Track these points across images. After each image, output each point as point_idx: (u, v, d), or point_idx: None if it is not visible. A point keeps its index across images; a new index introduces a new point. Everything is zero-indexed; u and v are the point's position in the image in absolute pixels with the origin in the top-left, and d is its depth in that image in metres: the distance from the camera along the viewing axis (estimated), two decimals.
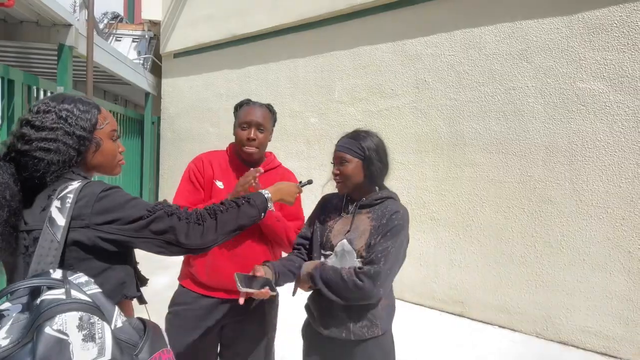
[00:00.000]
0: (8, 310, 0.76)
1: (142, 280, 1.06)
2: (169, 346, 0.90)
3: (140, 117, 6.59)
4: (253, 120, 1.59)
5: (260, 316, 1.66)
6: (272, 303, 1.71)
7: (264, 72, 5.16)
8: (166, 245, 0.95)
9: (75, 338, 0.70)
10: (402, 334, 3.20)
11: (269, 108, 1.68)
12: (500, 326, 3.38)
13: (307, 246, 1.54)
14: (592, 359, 2.90)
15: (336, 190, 1.49)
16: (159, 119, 6.76)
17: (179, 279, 1.69)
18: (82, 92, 4.39)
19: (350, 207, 1.46)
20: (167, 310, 1.65)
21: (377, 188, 1.46)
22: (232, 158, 1.68)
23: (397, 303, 1.50)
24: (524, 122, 3.31)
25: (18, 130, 0.95)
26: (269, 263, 1.42)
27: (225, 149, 1.74)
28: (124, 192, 0.96)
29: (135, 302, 1.05)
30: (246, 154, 1.61)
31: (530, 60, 3.29)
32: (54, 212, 0.87)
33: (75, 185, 0.91)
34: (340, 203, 1.50)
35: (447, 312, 3.65)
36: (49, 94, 3.80)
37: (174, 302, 1.65)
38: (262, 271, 1.33)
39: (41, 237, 0.86)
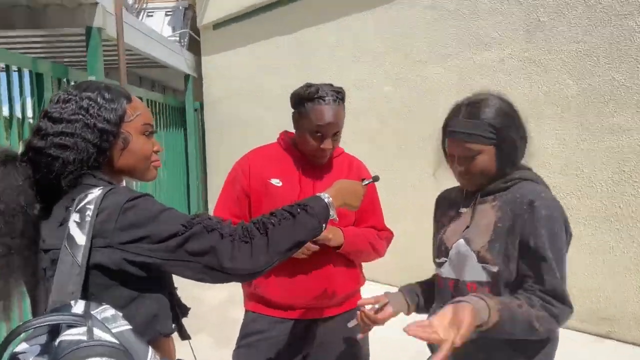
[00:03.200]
0: (24, 353, 0.76)
1: (182, 310, 1.04)
2: None
3: (181, 104, 6.91)
4: (331, 127, 1.54)
5: (348, 338, 1.66)
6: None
7: (322, 35, 5.11)
8: (207, 270, 0.92)
9: None
10: None
11: (342, 98, 1.61)
12: None
13: None
14: None
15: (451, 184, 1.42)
16: (201, 105, 7.01)
17: (245, 304, 1.71)
18: (116, 80, 4.65)
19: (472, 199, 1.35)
20: (225, 329, 1.76)
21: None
22: (291, 151, 1.68)
23: None
24: None
25: (37, 124, 0.98)
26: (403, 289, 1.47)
27: (276, 140, 1.75)
28: (154, 202, 0.95)
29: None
30: (318, 161, 1.63)
31: None
32: (73, 227, 0.87)
33: (96, 193, 0.90)
34: (460, 195, 1.40)
35: (588, 333, 3.36)
36: None
37: (245, 334, 1.67)
38: (389, 308, 1.36)
39: (60, 260, 0.86)
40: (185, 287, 1.06)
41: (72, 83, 3.93)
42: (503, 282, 1.22)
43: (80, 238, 0.85)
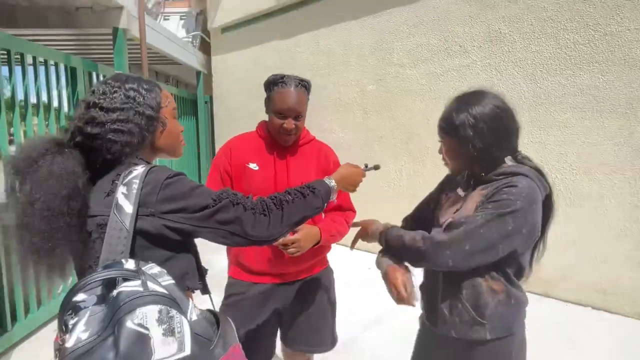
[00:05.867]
0: (84, 301, 0.76)
1: (202, 271, 1.04)
2: (238, 340, 0.89)
3: (193, 97, 6.79)
4: (290, 110, 1.49)
5: (318, 295, 1.66)
6: (329, 280, 1.71)
7: (315, 40, 5.05)
8: (230, 235, 0.95)
9: (155, 332, 0.70)
10: None
11: (305, 86, 1.55)
12: (594, 307, 3.15)
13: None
14: None
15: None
16: (211, 97, 6.91)
17: (228, 271, 1.68)
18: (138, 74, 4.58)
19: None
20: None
21: (508, 160, 1.19)
22: (266, 138, 1.61)
23: None
24: (627, 72, 2.93)
25: (84, 113, 0.95)
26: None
27: (255, 129, 1.68)
28: (188, 179, 0.96)
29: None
30: (283, 141, 1.56)
31: None
32: (121, 198, 0.87)
33: (139, 170, 0.90)
34: (463, 179, 1.32)
35: (530, 292, 3.45)
36: None
37: (227, 295, 1.64)
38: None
39: (109, 225, 0.86)
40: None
41: (101, 77, 3.86)
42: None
43: (128, 207, 0.86)
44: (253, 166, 1.56)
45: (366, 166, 1.35)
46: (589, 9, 3.05)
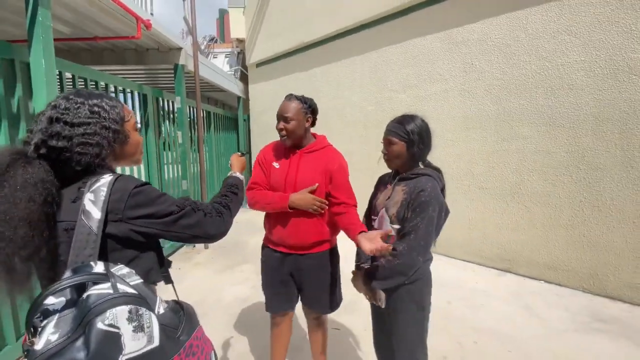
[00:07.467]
0: (53, 305, 0.66)
1: (166, 264, 0.92)
2: (199, 323, 0.83)
3: (235, 116, 6.92)
4: (281, 114, 1.56)
5: (321, 268, 1.64)
6: (333, 258, 1.68)
7: (327, 72, 5.13)
8: (192, 238, 0.87)
9: (126, 330, 0.63)
10: (451, 286, 3.08)
11: (301, 100, 1.58)
12: (546, 281, 3.13)
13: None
14: (638, 311, 2.58)
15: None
16: (248, 116, 7.05)
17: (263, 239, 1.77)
18: (192, 100, 4.75)
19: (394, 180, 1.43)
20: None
21: (420, 164, 1.38)
22: (283, 144, 1.65)
23: (447, 260, 1.39)
24: (573, 94, 2.93)
25: (47, 127, 0.79)
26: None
27: None
28: (154, 188, 0.85)
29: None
30: (281, 141, 1.61)
31: (578, 35, 2.88)
32: (88, 204, 0.75)
33: (107, 178, 0.79)
34: (389, 178, 1.48)
35: (494, 268, 3.45)
36: (172, 104, 4.18)
37: (262, 255, 1.73)
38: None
39: (77, 229, 0.74)
40: (235, 235, 1.03)
41: (166, 101, 4.01)
42: (401, 233, 1.31)
43: (96, 213, 0.75)
44: (275, 165, 1.62)
45: (242, 153, 1.47)
46: (544, 44, 3.06)
